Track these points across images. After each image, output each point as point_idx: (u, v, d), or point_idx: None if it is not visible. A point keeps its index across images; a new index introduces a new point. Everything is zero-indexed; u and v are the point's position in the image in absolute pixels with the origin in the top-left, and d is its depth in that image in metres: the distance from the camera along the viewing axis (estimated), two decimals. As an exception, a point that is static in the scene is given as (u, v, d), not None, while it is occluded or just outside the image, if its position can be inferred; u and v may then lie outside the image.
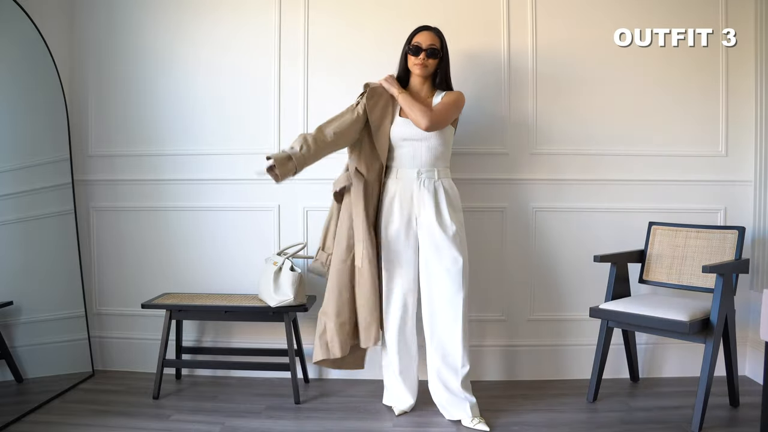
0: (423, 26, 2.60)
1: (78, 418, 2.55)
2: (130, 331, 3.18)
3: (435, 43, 2.55)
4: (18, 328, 2.77)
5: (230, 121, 3.11)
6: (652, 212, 3.03)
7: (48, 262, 3.00)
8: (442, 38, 2.59)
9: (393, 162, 2.60)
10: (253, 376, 3.09)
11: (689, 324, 2.40)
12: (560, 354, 3.09)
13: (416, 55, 2.55)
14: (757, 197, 3.05)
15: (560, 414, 2.62)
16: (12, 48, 2.83)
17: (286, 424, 2.53)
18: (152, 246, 3.15)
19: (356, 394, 2.87)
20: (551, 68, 3.05)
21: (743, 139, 3.08)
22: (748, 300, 3.02)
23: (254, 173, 2.50)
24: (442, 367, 2.52)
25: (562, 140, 3.07)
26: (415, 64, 2.56)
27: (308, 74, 3.08)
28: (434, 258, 2.51)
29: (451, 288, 2.47)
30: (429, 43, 2.55)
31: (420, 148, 2.54)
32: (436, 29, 2.59)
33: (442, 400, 2.55)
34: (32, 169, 2.92)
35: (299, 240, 3.07)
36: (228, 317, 2.91)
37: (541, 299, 3.10)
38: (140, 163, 3.14)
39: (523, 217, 3.08)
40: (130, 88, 3.14)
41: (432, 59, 2.56)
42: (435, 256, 2.50)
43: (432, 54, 2.55)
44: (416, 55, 2.55)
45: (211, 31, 3.11)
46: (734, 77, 3.07)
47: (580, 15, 3.06)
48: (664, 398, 2.79)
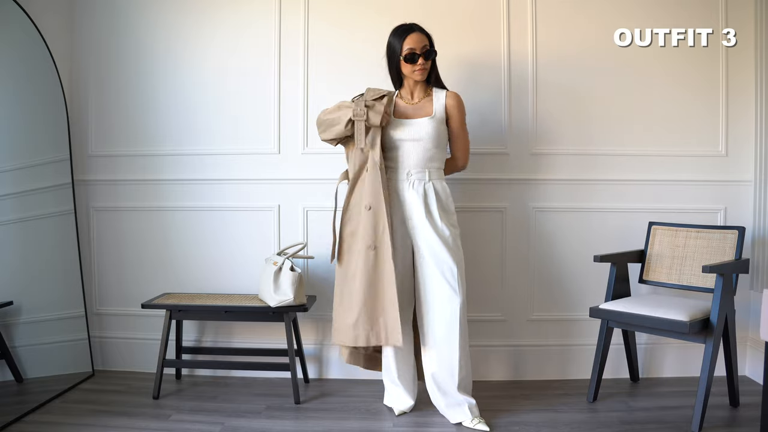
0: (407, 27, 2.51)
1: (78, 418, 2.55)
2: (130, 331, 3.18)
3: (426, 43, 2.50)
4: (18, 328, 2.77)
5: (230, 121, 3.12)
6: (652, 212, 3.03)
7: (48, 262, 3.00)
8: (428, 34, 2.53)
9: (386, 162, 2.54)
10: (253, 376, 3.09)
11: (689, 324, 2.40)
12: (560, 354, 3.09)
13: (414, 62, 2.48)
14: (757, 197, 3.06)
15: (560, 414, 2.62)
16: (12, 48, 2.83)
17: (286, 424, 2.53)
18: (152, 246, 3.15)
19: (356, 394, 2.87)
20: (551, 68, 3.05)
21: (743, 139, 3.08)
22: (748, 300, 3.02)
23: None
24: (438, 371, 2.50)
25: (562, 140, 3.07)
26: (415, 71, 2.50)
27: (308, 74, 3.09)
28: (429, 262, 2.47)
29: (447, 293, 2.44)
30: (422, 45, 2.48)
31: (413, 149, 2.50)
32: (420, 27, 2.52)
33: (441, 404, 2.54)
34: (32, 169, 2.92)
35: (299, 240, 3.07)
36: (228, 317, 2.91)
37: (541, 299, 3.10)
38: (140, 163, 3.14)
39: (523, 217, 3.08)
40: (130, 87, 3.14)
41: (428, 60, 2.52)
42: (430, 261, 2.47)
43: (428, 56, 2.50)
44: (414, 62, 2.48)
45: (212, 32, 3.11)
46: (734, 77, 3.07)
47: (580, 15, 3.06)
48: (664, 398, 2.79)
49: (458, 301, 2.43)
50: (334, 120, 2.52)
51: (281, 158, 3.10)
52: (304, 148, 3.09)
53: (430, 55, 2.51)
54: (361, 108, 2.42)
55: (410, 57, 2.48)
